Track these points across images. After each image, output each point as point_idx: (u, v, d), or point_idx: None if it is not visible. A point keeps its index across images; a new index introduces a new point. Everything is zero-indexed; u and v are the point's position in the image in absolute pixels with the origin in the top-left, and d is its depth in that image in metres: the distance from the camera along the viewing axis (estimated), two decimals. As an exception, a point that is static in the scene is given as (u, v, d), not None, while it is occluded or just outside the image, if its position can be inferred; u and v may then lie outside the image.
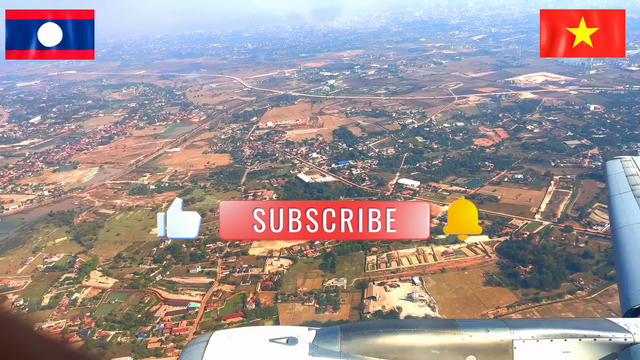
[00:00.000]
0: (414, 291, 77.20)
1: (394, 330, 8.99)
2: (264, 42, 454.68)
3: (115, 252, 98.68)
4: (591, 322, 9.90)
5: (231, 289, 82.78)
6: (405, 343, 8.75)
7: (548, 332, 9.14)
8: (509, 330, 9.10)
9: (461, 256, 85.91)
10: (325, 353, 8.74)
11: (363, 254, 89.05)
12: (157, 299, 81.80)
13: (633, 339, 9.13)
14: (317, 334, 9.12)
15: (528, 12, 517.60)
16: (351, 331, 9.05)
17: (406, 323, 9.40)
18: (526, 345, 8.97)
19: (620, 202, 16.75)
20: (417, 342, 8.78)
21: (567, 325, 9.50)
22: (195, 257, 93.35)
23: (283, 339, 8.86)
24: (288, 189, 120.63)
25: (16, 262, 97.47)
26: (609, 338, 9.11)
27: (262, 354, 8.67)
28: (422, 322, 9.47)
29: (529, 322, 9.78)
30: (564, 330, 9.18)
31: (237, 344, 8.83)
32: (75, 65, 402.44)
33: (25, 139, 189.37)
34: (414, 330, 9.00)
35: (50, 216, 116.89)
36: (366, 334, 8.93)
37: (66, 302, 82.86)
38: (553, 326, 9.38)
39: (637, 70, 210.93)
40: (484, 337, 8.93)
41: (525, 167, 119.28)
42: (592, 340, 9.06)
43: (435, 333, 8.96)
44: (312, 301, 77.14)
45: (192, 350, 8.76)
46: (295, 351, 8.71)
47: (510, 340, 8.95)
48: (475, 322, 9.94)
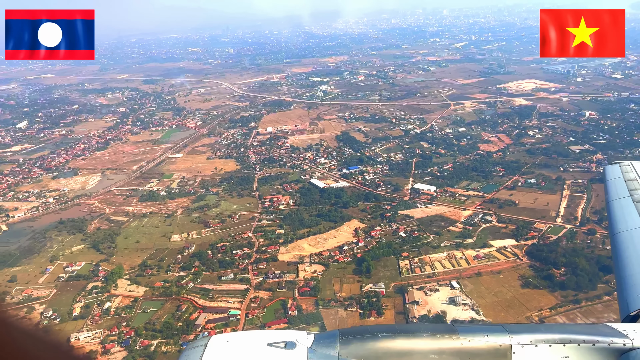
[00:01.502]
0: (455, 295, 78.07)
1: (393, 335, 8.92)
2: (245, 47, 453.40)
3: (138, 259, 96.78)
4: (590, 327, 9.95)
5: (268, 295, 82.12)
6: (403, 347, 8.69)
7: (547, 337, 9.09)
8: (508, 335, 9.02)
9: (493, 260, 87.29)
10: (324, 357, 8.66)
11: (395, 259, 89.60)
12: (194, 306, 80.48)
13: (632, 345, 9.09)
14: (315, 339, 9.03)
15: (503, 21, 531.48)
16: (350, 335, 8.94)
17: (405, 327, 9.25)
18: (525, 350, 8.89)
19: (619, 207, 16.77)
20: (415, 346, 8.72)
21: (565, 330, 9.44)
22: (225, 263, 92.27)
23: (281, 343, 8.76)
24: (303, 194, 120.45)
25: (35, 272, 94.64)
26: (607, 343, 9.07)
27: (261, 358, 8.57)
28: (420, 326, 9.51)
29: (528, 327, 9.82)
30: (563, 336, 9.13)
31: (236, 348, 8.76)
32: (52, 68, 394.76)
33: (15, 144, 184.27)
34: (413, 335, 8.94)
35: (60, 224, 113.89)
36: (365, 338, 8.83)
37: (98, 311, 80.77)
38: (552, 331, 9.32)
39: (622, 78, 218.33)
40: (483, 342, 8.85)
41: (535, 172, 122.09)
42: (591, 345, 9.02)
43: (434, 338, 8.89)
44: (355, 306, 77.12)
45: (190, 353, 8.66)
46: (293, 355, 8.61)
47: (509, 345, 8.87)
48: (474, 327, 9.81)
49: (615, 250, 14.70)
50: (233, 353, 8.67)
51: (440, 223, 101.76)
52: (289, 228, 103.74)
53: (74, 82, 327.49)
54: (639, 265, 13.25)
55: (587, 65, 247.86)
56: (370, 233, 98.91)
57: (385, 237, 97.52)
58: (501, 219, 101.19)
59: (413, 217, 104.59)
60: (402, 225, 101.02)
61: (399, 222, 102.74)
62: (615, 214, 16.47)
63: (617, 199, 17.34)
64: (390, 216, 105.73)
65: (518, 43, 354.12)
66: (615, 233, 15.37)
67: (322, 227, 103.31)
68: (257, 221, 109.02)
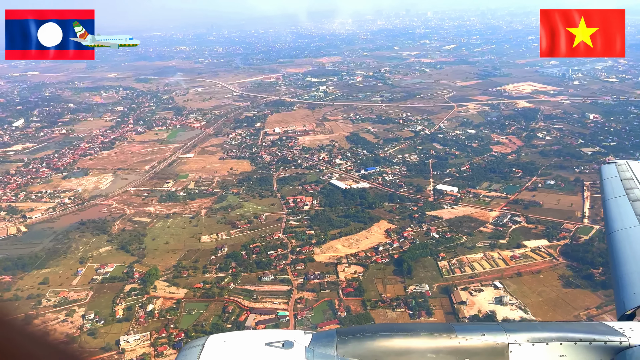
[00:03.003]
0: (500, 295, 79.29)
1: (390, 334, 8.93)
2: (234, 46, 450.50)
3: (171, 261, 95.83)
4: (587, 325, 10.20)
5: (313, 296, 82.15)
6: (401, 347, 8.70)
7: (544, 335, 9.15)
8: (505, 334, 9.07)
9: (529, 260, 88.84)
10: (321, 357, 8.66)
11: (432, 260, 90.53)
12: (240, 308, 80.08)
13: (628, 343, 9.19)
14: (313, 338, 9.03)
15: (488, 24, 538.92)
16: (347, 335, 8.95)
17: (402, 327, 9.36)
18: (522, 348, 8.95)
19: (616, 206, 16.88)
20: (413, 345, 8.74)
21: (562, 328, 9.51)
22: (262, 264, 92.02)
23: (279, 343, 8.76)
24: (326, 195, 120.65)
25: (66, 274, 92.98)
26: (604, 342, 9.16)
27: (258, 358, 8.58)
28: (418, 326, 9.59)
29: (525, 325, 9.86)
30: (560, 334, 9.20)
31: (233, 348, 8.73)
32: (37, 65, 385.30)
33: (15, 143, 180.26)
34: (410, 334, 8.95)
35: (82, 225, 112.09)
36: (362, 337, 8.84)
37: (142, 313, 79.75)
38: (549, 330, 9.37)
39: (617, 82, 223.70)
40: (480, 340, 8.90)
41: (553, 174, 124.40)
42: (588, 343, 9.10)
43: (431, 337, 8.92)
44: (403, 307, 77.78)
45: (188, 353, 8.64)
46: (291, 355, 8.62)
47: (506, 343, 8.93)
48: (471, 326, 10.41)
49: (611, 249, 14.82)
50: (230, 353, 8.65)
51: (470, 224, 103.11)
52: (319, 229, 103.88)
53: (63, 79, 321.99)
54: (635, 264, 13.35)
55: (581, 68, 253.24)
56: (403, 234, 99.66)
57: (418, 238, 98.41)
58: (529, 220, 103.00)
59: (442, 218, 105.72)
60: (432, 227, 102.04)
61: (428, 223, 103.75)
62: (612, 213, 16.63)
63: (614, 197, 17.53)
64: (418, 217, 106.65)
65: (508, 46, 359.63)
66: (612, 232, 15.48)
67: (353, 228, 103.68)
68: (284, 222, 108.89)
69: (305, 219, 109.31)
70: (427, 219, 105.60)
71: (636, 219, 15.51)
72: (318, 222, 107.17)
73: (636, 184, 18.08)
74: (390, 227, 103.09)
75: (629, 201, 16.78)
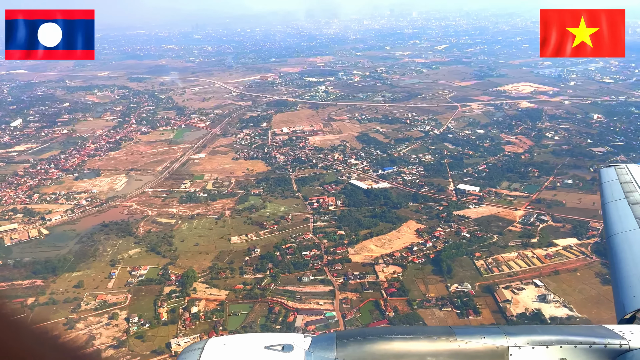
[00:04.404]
0: (542, 293, 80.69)
1: (390, 337, 8.93)
2: (223, 45, 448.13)
3: (204, 262, 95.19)
4: (587, 328, 10.11)
5: (357, 297, 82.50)
6: (401, 350, 8.69)
7: (544, 338, 9.17)
8: (505, 337, 9.08)
9: (563, 258, 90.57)
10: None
11: (468, 259, 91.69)
12: (286, 309, 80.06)
13: (628, 346, 9.21)
14: (312, 341, 9.02)
15: (474, 24, 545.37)
16: (347, 338, 8.97)
17: (402, 330, 9.34)
18: (522, 352, 8.97)
19: (615, 209, 16.88)
20: (413, 348, 8.75)
21: (562, 332, 9.55)
22: (299, 265, 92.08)
23: (278, 346, 8.76)
24: (348, 195, 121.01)
25: (99, 276, 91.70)
26: (604, 345, 9.18)
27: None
28: (418, 329, 9.61)
29: (525, 328, 9.86)
30: (560, 337, 9.23)
31: (233, 351, 8.74)
32: (22, 64, 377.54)
33: (17, 144, 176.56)
34: (410, 337, 8.96)
35: (105, 227, 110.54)
36: (362, 340, 8.84)
37: (187, 316, 79.15)
38: (549, 333, 9.40)
39: (612, 82, 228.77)
40: (480, 343, 8.92)
41: (569, 173, 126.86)
42: (588, 347, 9.12)
43: (431, 340, 8.93)
44: (449, 306, 78.64)
45: (188, 357, 8.68)
46: (291, 358, 8.65)
47: (506, 347, 8.95)
48: (471, 329, 10.55)
49: (611, 252, 14.82)
50: (230, 356, 8.68)
51: (498, 223, 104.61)
52: (349, 229, 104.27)
53: (52, 78, 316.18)
54: (634, 267, 13.36)
55: (574, 69, 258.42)
56: (434, 234, 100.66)
57: (449, 237, 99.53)
58: (555, 219, 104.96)
59: (469, 217, 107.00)
60: (462, 226, 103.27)
61: (457, 223, 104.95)
62: (611, 216, 16.64)
63: (613, 201, 17.54)
64: (446, 217, 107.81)
65: (498, 47, 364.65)
66: (611, 235, 15.47)
67: (383, 228, 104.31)
68: (311, 222, 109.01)
69: (333, 220, 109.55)
70: (454, 219, 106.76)
71: (635, 222, 15.54)
72: (346, 222, 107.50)
73: (635, 187, 18.11)
74: (420, 227, 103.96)
75: (628, 204, 16.83)
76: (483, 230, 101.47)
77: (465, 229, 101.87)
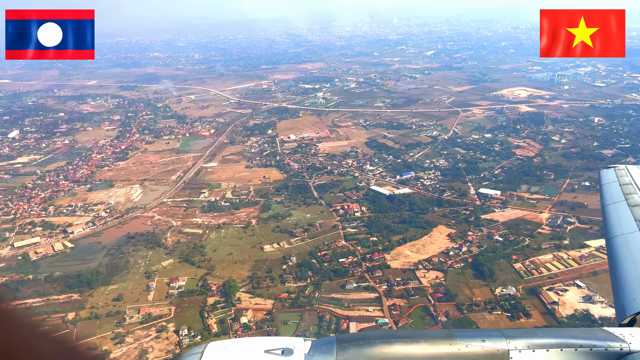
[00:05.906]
0: (586, 294, 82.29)
1: (390, 341, 8.87)
2: (209, 53, 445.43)
3: (242, 272, 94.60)
4: (587, 331, 10.09)
5: (404, 303, 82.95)
6: (401, 353, 8.65)
7: (544, 342, 9.13)
8: (505, 340, 9.06)
9: (598, 259, 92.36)
10: None
11: (506, 262, 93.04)
12: (336, 317, 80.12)
13: (629, 348, 9.19)
14: (312, 345, 8.99)
15: (456, 30, 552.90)
16: (347, 342, 8.88)
17: (402, 333, 9.36)
18: (522, 355, 8.94)
19: (615, 212, 16.80)
20: (413, 352, 8.70)
21: (563, 335, 9.58)
22: (339, 272, 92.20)
23: (278, 350, 8.76)
24: (372, 201, 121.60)
25: (137, 289, 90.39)
26: (604, 348, 9.14)
27: None
28: (418, 332, 9.68)
29: (525, 332, 9.94)
30: (560, 340, 9.20)
31: (232, 355, 8.72)
32: (4, 73, 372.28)
33: (19, 155, 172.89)
34: (410, 341, 8.91)
35: (131, 238, 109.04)
36: (362, 344, 8.78)
37: (238, 326, 78.57)
38: (549, 336, 9.38)
39: (604, 86, 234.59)
40: (480, 347, 8.88)
41: (584, 175, 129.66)
42: (588, 350, 9.09)
43: (431, 343, 8.88)
44: (498, 310, 79.68)
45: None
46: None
47: (507, 350, 8.91)
48: (471, 332, 10.49)
49: (610, 255, 14.77)
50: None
51: (526, 226, 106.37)
52: (380, 235, 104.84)
53: (39, 88, 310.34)
54: (634, 269, 13.32)
55: (565, 73, 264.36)
56: (467, 238, 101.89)
57: (483, 241, 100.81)
58: (581, 220, 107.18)
59: (497, 221, 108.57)
60: (493, 230, 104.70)
61: (487, 227, 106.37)
62: (611, 218, 16.56)
63: (613, 203, 17.45)
64: (474, 221, 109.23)
65: (485, 52, 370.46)
66: (611, 237, 15.40)
67: (415, 234, 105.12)
68: (341, 229, 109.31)
69: (362, 226, 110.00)
70: (483, 223, 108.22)
71: (635, 225, 15.49)
72: (376, 228, 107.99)
73: (635, 189, 18.03)
74: (451, 232, 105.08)
75: (628, 206, 16.75)
76: (514, 233, 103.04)
77: (496, 232, 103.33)
